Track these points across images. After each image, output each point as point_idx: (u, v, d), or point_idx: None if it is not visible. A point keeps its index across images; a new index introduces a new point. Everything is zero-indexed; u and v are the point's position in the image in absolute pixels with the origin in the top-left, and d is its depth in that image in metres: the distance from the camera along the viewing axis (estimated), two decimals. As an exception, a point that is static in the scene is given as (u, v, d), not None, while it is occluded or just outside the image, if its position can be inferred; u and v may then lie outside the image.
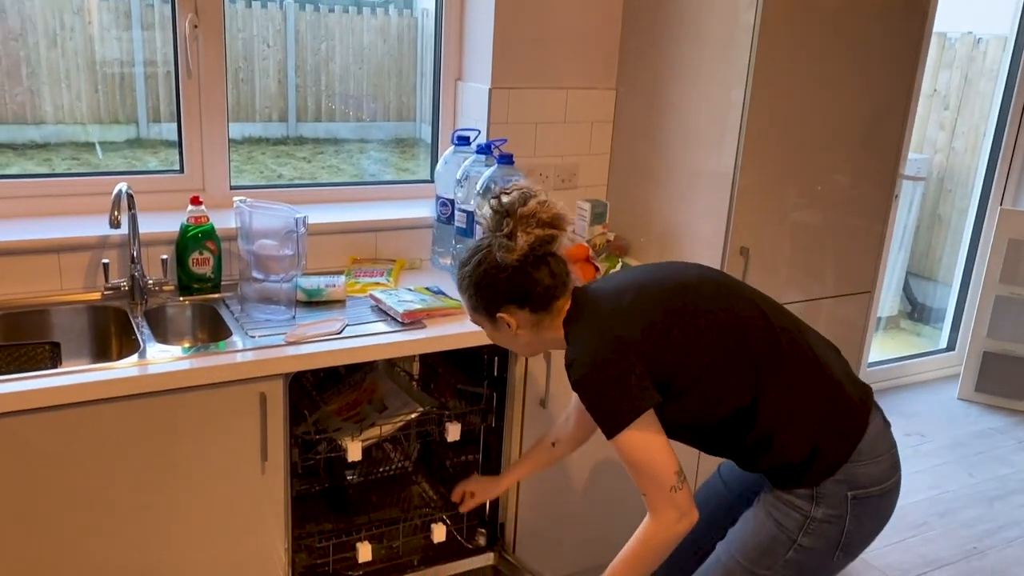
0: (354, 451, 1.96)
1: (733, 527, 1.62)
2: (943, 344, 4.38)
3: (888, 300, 4.40)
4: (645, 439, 1.46)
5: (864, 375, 3.91)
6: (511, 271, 1.52)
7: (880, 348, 4.28)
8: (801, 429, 1.50)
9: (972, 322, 3.98)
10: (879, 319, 4.27)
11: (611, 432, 1.46)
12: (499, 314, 1.57)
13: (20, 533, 1.62)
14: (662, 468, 1.47)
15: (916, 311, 4.70)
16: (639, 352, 1.46)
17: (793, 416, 1.50)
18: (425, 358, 2.33)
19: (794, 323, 1.58)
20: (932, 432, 3.69)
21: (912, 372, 4.20)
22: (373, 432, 2.01)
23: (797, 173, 2.33)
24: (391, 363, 2.25)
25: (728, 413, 1.50)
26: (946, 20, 3.58)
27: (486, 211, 1.57)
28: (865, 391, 1.58)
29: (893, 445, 1.56)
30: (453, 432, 2.08)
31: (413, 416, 2.04)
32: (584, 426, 1.85)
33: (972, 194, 4.24)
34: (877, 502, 1.52)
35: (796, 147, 2.30)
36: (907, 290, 4.65)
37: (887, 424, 1.58)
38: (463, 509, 2.01)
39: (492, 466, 2.18)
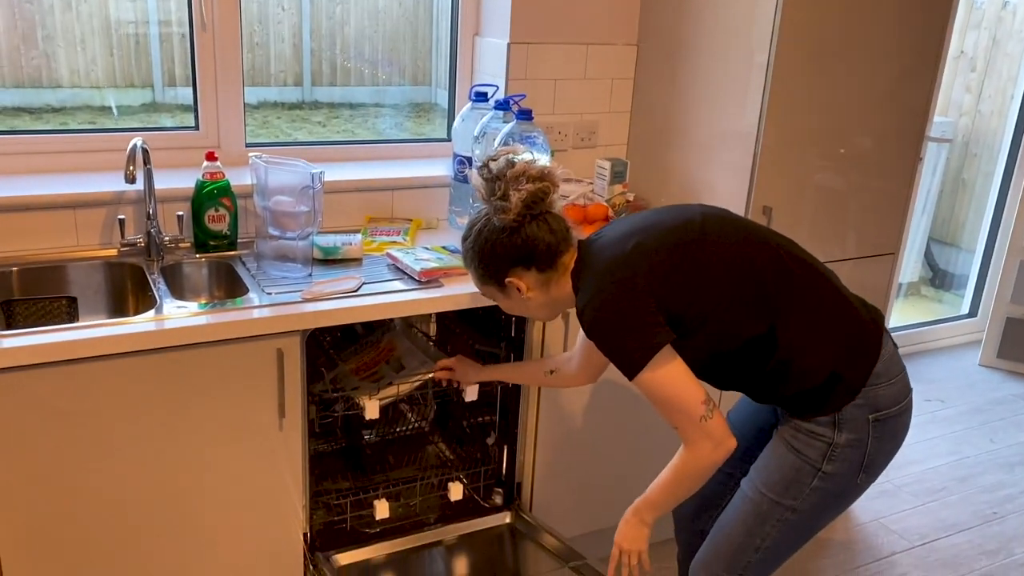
0: (372, 409, 1.96)
1: (755, 464, 1.63)
2: (965, 310, 4.33)
3: (910, 266, 4.34)
4: (666, 374, 1.46)
5: (884, 340, 3.88)
6: (511, 232, 1.54)
7: (900, 314, 4.24)
8: (820, 354, 1.51)
9: (995, 288, 3.92)
10: (900, 285, 4.22)
11: (631, 372, 1.47)
12: (507, 279, 1.58)
13: (36, 487, 1.63)
14: (688, 400, 1.47)
15: (938, 277, 4.64)
16: (649, 291, 1.46)
17: (811, 342, 1.51)
18: (442, 318, 2.32)
19: (803, 252, 1.59)
20: (952, 398, 3.66)
21: (933, 338, 4.16)
22: (391, 391, 2.00)
23: (821, 133, 2.28)
24: (408, 323, 2.24)
25: (744, 344, 1.50)
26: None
27: (478, 182, 1.59)
28: (876, 313, 1.60)
29: (904, 367, 1.59)
30: (471, 392, 2.06)
31: (430, 375, 2.03)
32: (586, 372, 1.84)
33: (998, 158, 4.16)
34: (895, 421, 1.54)
35: (821, 107, 2.25)
36: (929, 256, 4.58)
37: (896, 346, 1.61)
38: (438, 377, 2.02)
39: (509, 427, 2.17)
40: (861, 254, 2.49)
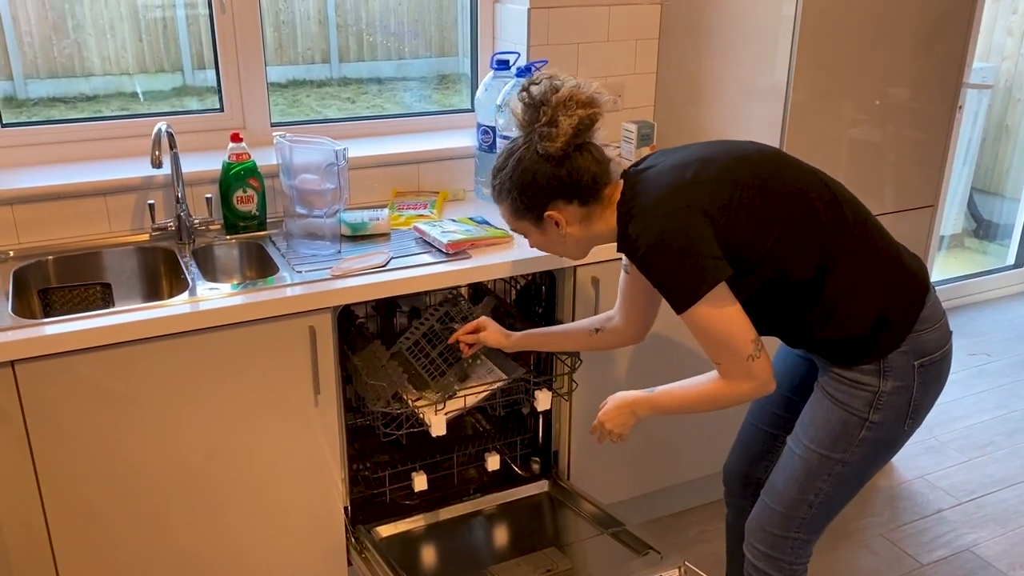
0: (438, 426, 1.85)
1: (799, 420, 1.60)
2: (1011, 261, 4.22)
3: (951, 218, 4.23)
4: (720, 310, 1.41)
5: (926, 295, 3.79)
6: (555, 162, 1.46)
7: (943, 268, 4.14)
8: (867, 299, 1.47)
9: (1042, 236, 3.81)
10: (942, 238, 4.12)
11: (684, 304, 1.41)
12: (547, 213, 1.50)
13: (82, 467, 1.67)
14: (739, 338, 1.43)
15: (981, 228, 4.52)
16: (710, 221, 1.40)
17: (859, 288, 1.47)
18: (497, 310, 2.24)
19: (854, 197, 1.55)
20: (999, 351, 3.58)
21: (977, 291, 4.06)
22: (457, 403, 1.89)
23: (854, 85, 2.22)
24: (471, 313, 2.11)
25: (792, 286, 1.46)
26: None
27: (516, 107, 1.51)
28: (919, 261, 1.57)
29: (944, 312, 1.56)
30: (543, 401, 1.98)
31: (498, 385, 1.93)
32: (635, 325, 1.75)
33: (1043, 102, 4.02)
34: (939, 366, 1.52)
35: (852, 58, 2.18)
36: (972, 207, 4.46)
37: (935, 292, 1.58)
38: (464, 344, 1.88)
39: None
40: (899, 207, 2.43)
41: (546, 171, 1.47)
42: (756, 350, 1.44)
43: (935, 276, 3.91)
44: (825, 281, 1.46)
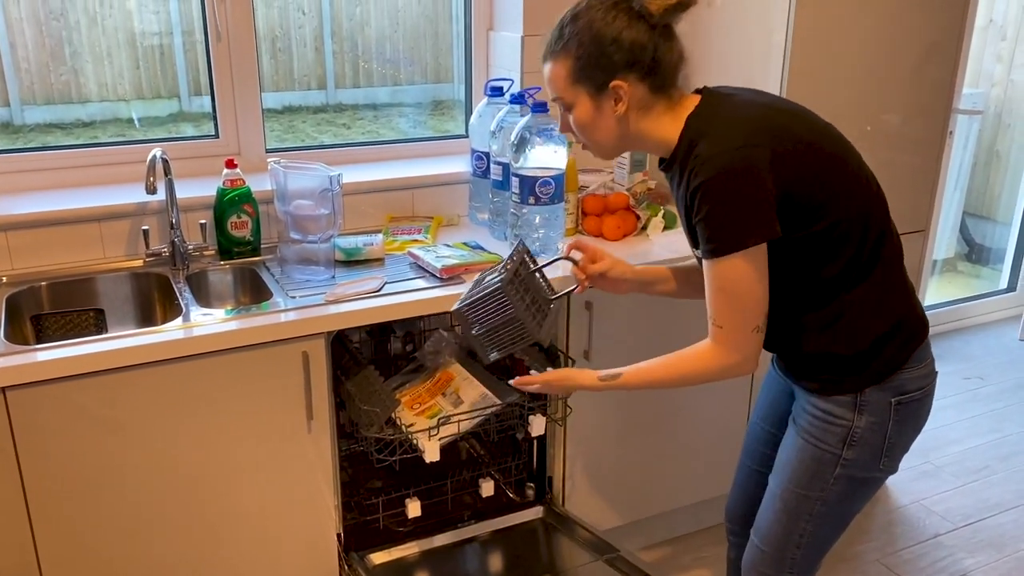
0: (432, 452, 1.83)
1: (776, 459, 1.57)
2: (1003, 285, 4.24)
3: (944, 242, 4.25)
4: (754, 270, 1.33)
5: (920, 319, 3.80)
6: (649, 28, 1.33)
7: (937, 292, 4.15)
8: (873, 321, 1.41)
9: (1034, 261, 3.83)
10: (935, 262, 4.14)
11: (724, 249, 1.31)
12: (614, 82, 1.36)
13: (72, 494, 1.66)
14: (757, 306, 1.35)
15: (974, 252, 4.55)
16: (780, 177, 1.31)
17: (873, 304, 1.41)
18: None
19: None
20: (992, 375, 3.58)
21: (971, 314, 4.07)
22: (450, 429, 1.88)
23: (846, 111, 2.24)
24: (465, 349, 2.10)
25: (815, 280, 1.40)
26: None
27: None
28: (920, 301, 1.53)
29: (932, 353, 1.51)
30: (537, 426, 1.96)
31: (492, 410, 1.91)
32: None
33: (1032, 127, 4.06)
34: (918, 405, 1.47)
35: (843, 85, 2.21)
36: (964, 231, 4.49)
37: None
38: (589, 271, 1.68)
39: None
40: (891, 232, 2.44)
41: (635, 33, 1.34)
42: (763, 324, 1.37)
43: (928, 300, 3.92)
44: (845, 287, 1.40)
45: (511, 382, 1.64)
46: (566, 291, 1.74)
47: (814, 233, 1.37)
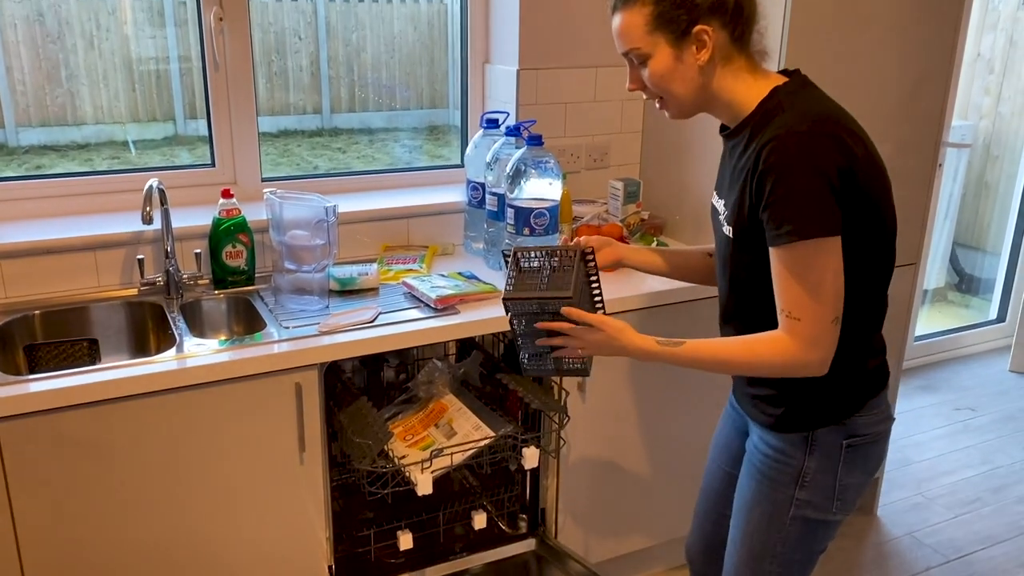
0: (424, 484, 1.81)
1: (735, 504, 1.56)
2: (993, 315, 4.26)
3: (934, 272, 4.28)
4: (833, 258, 1.26)
5: (911, 349, 3.83)
6: None
7: (927, 322, 4.18)
8: (848, 354, 1.36)
9: (1023, 291, 3.86)
10: (925, 292, 4.17)
11: (809, 232, 1.24)
12: (699, 27, 1.31)
13: (63, 525, 1.64)
14: (837, 294, 1.28)
15: (964, 282, 4.58)
16: (857, 172, 1.27)
17: (851, 338, 1.36)
18: (485, 365, 2.22)
19: None
20: (983, 406, 3.60)
21: (961, 345, 4.09)
22: (443, 462, 1.86)
23: (836, 144, 2.26)
24: (458, 380, 2.11)
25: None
26: (989, -20, 3.45)
27: None
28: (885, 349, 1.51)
29: (887, 401, 1.49)
30: (531, 458, 1.95)
31: (485, 443, 1.90)
32: None
33: (1020, 159, 4.11)
34: (868, 449, 1.45)
35: (834, 117, 2.23)
36: (954, 261, 4.52)
37: None
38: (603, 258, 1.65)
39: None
40: (882, 265, 2.45)
41: None
42: (840, 317, 1.30)
43: (919, 330, 3.94)
44: (862, 304, 1.37)
45: (562, 309, 1.42)
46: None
47: (858, 239, 1.32)
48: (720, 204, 1.45)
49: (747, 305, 1.43)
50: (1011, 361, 3.93)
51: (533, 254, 1.52)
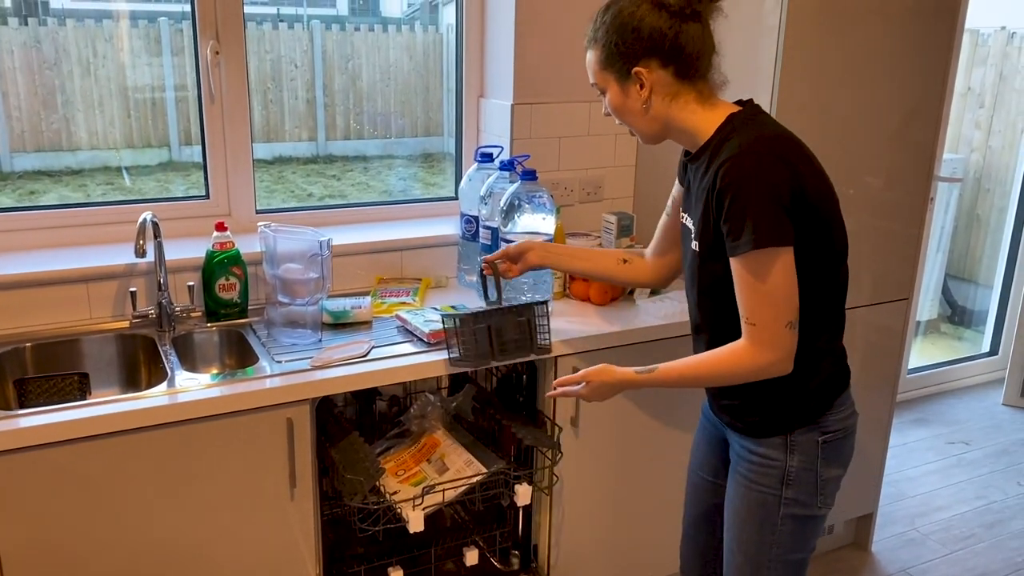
0: (416, 522, 1.81)
1: (726, 510, 1.63)
2: (986, 348, 4.27)
3: (927, 303, 4.30)
4: (785, 266, 1.37)
5: (904, 382, 3.83)
6: (669, 16, 1.40)
7: (919, 354, 4.18)
8: (805, 366, 1.46)
9: (1016, 324, 3.87)
10: (918, 323, 4.18)
11: (761, 243, 1.34)
12: (636, 68, 1.43)
13: (52, 562, 1.62)
14: (789, 301, 1.39)
15: (956, 314, 4.59)
16: (807, 193, 1.38)
17: (822, 343, 1.49)
18: (478, 399, 2.22)
19: None
20: (977, 440, 3.59)
21: (954, 378, 4.10)
22: (435, 499, 1.86)
23: (829, 173, 2.27)
24: (451, 414, 2.10)
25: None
26: (978, 16, 3.50)
27: None
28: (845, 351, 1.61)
29: (851, 397, 1.59)
30: (523, 495, 1.95)
31: (477, 479, 1.90)
32: (660, 266, 1.75)
33: (1011, 192, 4.14)
34: (841, 443, 1.55)
35: (825, 151, 2.21)
36: (946, 293, 4.54)
37: None
38: (508, 273, 1.89)
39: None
40: (874, 300, 2.46)
41: (655, 21, 1.40)
42: (795, 322, 1.40)
43: (912, 362, 3.94)
44: (819, 314, 1.46)
45: (551, 390, 1.66)
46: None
47: (809, 256, 1.42)
48: (689, 222, 1.56)
49: (714, 315, 1.52)
50: (1004, 394, 3.93)
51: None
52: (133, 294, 2.03)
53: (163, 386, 1.74)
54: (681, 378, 1.50)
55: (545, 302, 1.95)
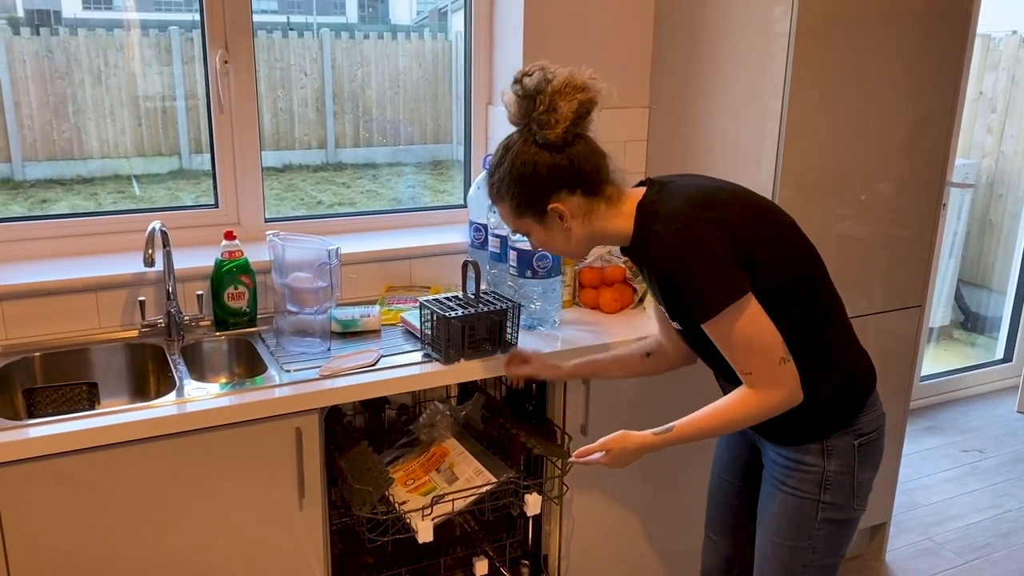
0: (425, 532, 1.79)
1: (759, 515, 1.63)
2: (999, 355, 4.23)
3: (939, 310, 4.26)
4: (752, 314, 1.40)
5: (917, 389, 3.80)
6: (556, 150, 1.43)
7: (932, 361, 4.15)
8: (831, 371, 1.50)
9: (1029, 331, 3.84)
10: (931, 330, 4.14)
11: (715, 309, 1.38)
12: (550, 205, 1.46)
13: (60, 573, 1.62)
14: (770, 339, 1.41)
15: (969, 320, 4.55)
16: (738, 240, 1.40)
17: (827, 357, 1.50)
18: (488, 407, 2.20)
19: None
20: (991, 448, 3.55)
21: (968, 385, 4.06)
22: (444, 508, 1.84)
23: (839, 184, 2.26)
24: (460, 422, 2.08)
25: (787, 332, 1.46)
26: (990, 20, 3.48)
27: (509, 100, 1.48)
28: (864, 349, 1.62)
29: (879, 397, 1.61)
30: (533, 505, 1.93)
31: (486, 489, 1.87)
32: (685, 348, 1.69)
33: (1024, 198, 4.11)
34: (875, 445, 1.57)
35: (837, 157, 2.23)
36: (959, 299, 4.50)
37: None
38: (510, 372, 1.87)
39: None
40: (886, 307, 2.44)
41: (547, 160, 1.43)
42: (787, 353, 1.42)
43: (925, 369, 3.91)
44: (802, 342, 1.47)
45: (572, 459, 1.63)
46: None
47: (766, 291, 1.43)
48: (661, 305, 1.58)
49: (725, 366, 1.53)
50: (1019, 402, 3.89)
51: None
52: (142, 303, 2.03)
53: (172, 395, 1.73)
54: (699, 432, 1.51)
55: (520, 306, 1.97)
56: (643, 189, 1.52)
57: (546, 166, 1.44)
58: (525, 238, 1.59)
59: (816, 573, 1.59)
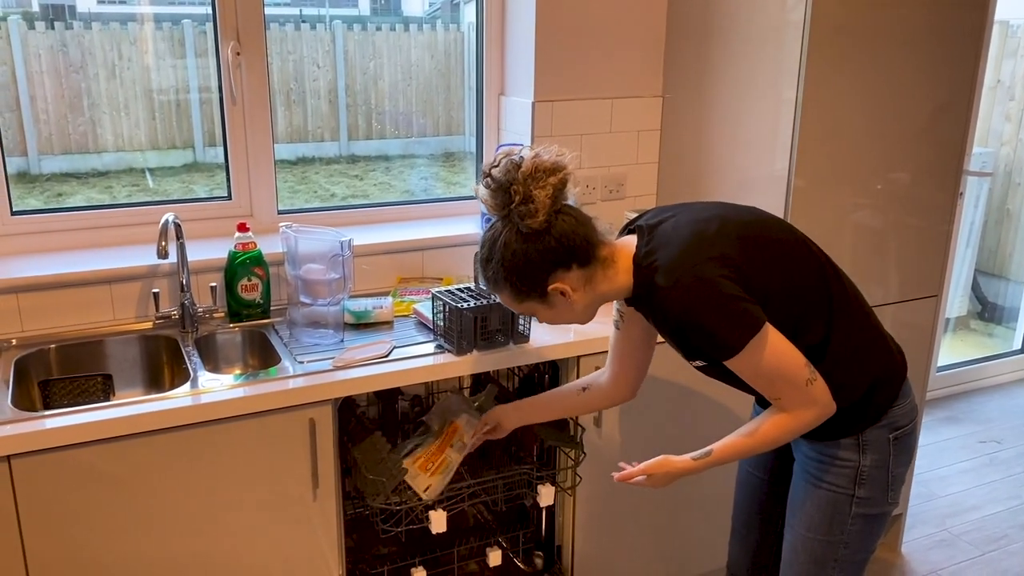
0: (438, 522, 1.82)
1: (790, 509, 1.63)
2: (1017, 345, 4.19)
3: (956, 300, 4.23)
4: (772, 343, 1.40)
5: (934, 380, 3.77)
6: (542, 235, 1.43)
7: (949, 351, 4.11)
8: (859, 370, 1.50)
9: (1048, 321, 3.80)
10: (948, 320, 4.11)
11: (735, 350, 1.38)
12: (550, 286, 1.47)
13: (72, 565, 1.63)
14: (793, 365, 1.42)
15: (987, 310, 4.51)
16: (735, 271, 1.40)
17: (854, 356, 1.50)
18: (500, 398, 2.22)
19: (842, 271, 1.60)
20: (1009, 438, 3.52)
21: (985, 375, 4.02)
22: (456, 491, 1.87)
23: (855, 173, 2.24)
24: (473, 405, 2.05)
25: (803, 348, 1.45)
26: (1009, 7, 3.43)
27: (484, 195, 1.48)
28: (891, 337, 1.61)
29: (911, 385, 1.60)
30: (546, 496, 1.94)
31: (500, 480, 1.91)
32: (625, 381, 1.72)
33: (1043, 187, 4.06)
34: (910, 438, 1.57)
35: (853, 146, 2.21)
36: (976, 289, 4.46)
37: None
38: (478, 441, 1.88)
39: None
40: (903, 297, 2.42)
41: (536, 247, 1.44)
42: (812, 372, 1.43)
43: (942, 360, 3.88)
44: (828, 347, 1.47)
45: (616, 477, 1.61)
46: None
47: (780, 313, 1.43)
48: (674, 349, 1.55)
49: (756, 392, 1.53)
50: (1037, 392, 3.86)
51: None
52: (156, 295, 2.04)
53: (186, 387, 1.74)
54: (737, 455, 1.52)
55: None
56: (633, 239, 1.52)
57: (537, 252, 1.44)
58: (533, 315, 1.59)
59: (846, 567, 1.58)
